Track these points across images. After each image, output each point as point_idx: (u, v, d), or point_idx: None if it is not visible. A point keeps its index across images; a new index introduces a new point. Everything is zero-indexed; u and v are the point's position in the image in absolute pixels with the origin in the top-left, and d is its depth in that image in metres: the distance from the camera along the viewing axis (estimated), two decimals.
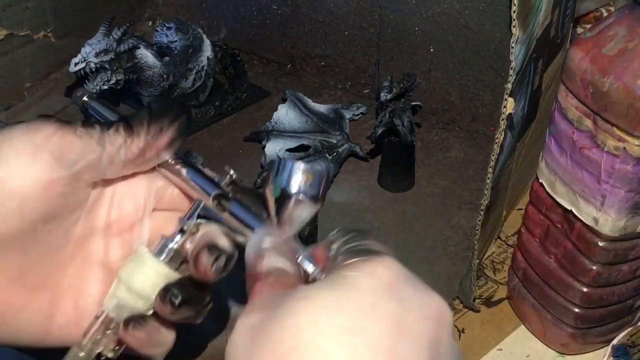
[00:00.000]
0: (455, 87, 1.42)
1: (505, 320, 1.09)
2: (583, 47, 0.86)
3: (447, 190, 1.31)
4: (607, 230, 0.90)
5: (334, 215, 1.26)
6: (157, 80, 1.39)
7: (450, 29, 1.37)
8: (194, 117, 1.45)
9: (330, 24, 1.51)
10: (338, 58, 1.54)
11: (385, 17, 1.43)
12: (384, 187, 1.31)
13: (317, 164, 1.26)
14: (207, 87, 1.46)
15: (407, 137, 1.25)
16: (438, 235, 1.22)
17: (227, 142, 1.42)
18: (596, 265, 0.93)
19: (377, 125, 1.26)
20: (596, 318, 0.99)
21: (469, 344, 1.05)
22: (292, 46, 1.59)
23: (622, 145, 0.83)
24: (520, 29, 0.87)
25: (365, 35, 1.48)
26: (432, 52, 1.41)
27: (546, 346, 1.05)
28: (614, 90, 0.81)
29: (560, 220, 0.97)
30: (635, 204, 0.87)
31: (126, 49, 1.34)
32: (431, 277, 1.14)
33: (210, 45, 1.46)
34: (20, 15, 1.44)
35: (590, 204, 0.90)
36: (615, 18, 0.85)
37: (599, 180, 0.87)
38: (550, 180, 0.95)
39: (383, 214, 1.26)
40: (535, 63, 1.01)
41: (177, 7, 1.70)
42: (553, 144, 0.93)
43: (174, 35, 1.45)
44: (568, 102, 0.89)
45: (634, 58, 0.81)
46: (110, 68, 1.34)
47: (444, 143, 1.42)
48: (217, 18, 1.66)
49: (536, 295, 1.03)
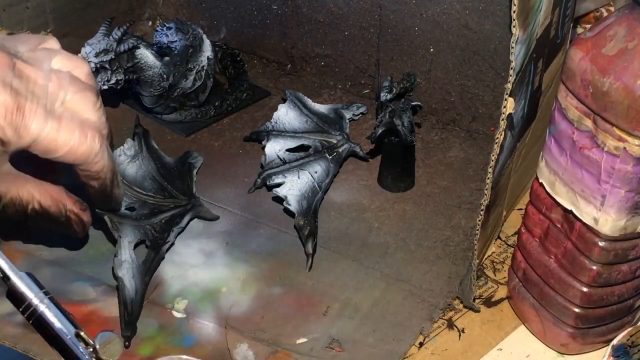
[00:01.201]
0: (455, 87, 1.42)
1: (505, 320, 1.10)
2: (583, 47, 0.86)
3: (447, 190, 1.32)
4: (607, 230, 0.90)
5: (334, 215, 1.26)
6: (157, 80, 1.39)
7: (450, 29, 1.37)
8: (194, 117, 1.45)
9: (330, 24, 1.51)
10: (338, 58, 1.54)
11: (385, 17, 1.43)
12: (384, 187, 1.31)
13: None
14: (207, 87, 1.46)
15: (407, 137, 1.25)
16: (438, 235, 1.22)
17: (227, 142, 1.42)
18: (596, 265, 0.93)
19: (377, 125, 1.26)
20: (596, 318, 0.99)
21: (469, 344, 1.05)
22: (292, 46, 1.59)
23: (622, 145, 0.83)
24: (520, 29, 0.87)
25: (365, 35, 1.48)
26: (432, 52, 1.41)
27: (546, 346, 1.06)
28: (614, 90, 0.81)
29: (560, 220, 0.97)
30: (635, 204, 0.87)
31: (126, 49, 1.34)
32: (431, 277, 1.14)
33: (210, 45, 1.46)
34: (20, 15, 1.44)
35: (590, 204, 0.90)
36: (615, 18, 0.85)
37: (599, 180, 0.87)
38: (550, 180, 0.96)
39: (383, 214, 1.26)
40: (535, 63, 1.01)
41: (177, 7, 1.70)
42: (553, 144, 0.93)
43: (174, 35, 1.45)
44: (568, 102, 0.89)
45: (634, 58, 0.81)
46: (110, 68, 1.34)
47: (444, 143, 1.42)
48: (217, 18, 1.66)
49: (536, 295, 1.04)
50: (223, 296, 1.12)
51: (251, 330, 1.07)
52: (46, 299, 0.76)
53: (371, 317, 1.09)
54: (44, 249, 1.17)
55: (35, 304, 0.76)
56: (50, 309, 0.76)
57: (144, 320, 1.07)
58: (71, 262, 1.15)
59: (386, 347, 1.05)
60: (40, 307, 0.76)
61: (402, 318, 1.09)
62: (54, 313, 0.75)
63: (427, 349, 1.05)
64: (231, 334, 1.06)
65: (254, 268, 1.17)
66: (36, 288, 0.77)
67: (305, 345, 1.05)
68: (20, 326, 1.03)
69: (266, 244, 1.21)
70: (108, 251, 1.17)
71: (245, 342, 1.05)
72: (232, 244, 1.21)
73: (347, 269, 1.17)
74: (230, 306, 1.11)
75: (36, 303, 0.76)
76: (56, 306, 0.77)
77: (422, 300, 1.11)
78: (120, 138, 1.43)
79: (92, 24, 1.53)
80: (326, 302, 1.11)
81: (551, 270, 0.99)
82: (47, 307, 0.76)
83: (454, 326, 1.08)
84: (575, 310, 0.98)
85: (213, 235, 1.22)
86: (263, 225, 1.24)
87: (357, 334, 1.06)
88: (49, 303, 0.77)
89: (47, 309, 0.76)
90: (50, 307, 0.76)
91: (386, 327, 1.07)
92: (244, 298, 1.12)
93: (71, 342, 0.75)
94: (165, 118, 1.45)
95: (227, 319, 1.08)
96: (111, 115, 1.51)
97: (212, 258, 1.18)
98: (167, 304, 1.10)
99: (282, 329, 1.07)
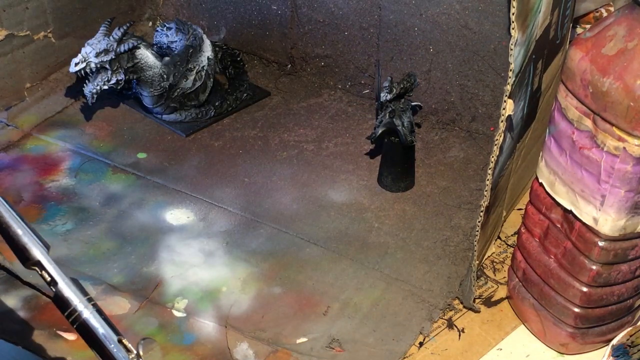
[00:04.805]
0: (455, 87, 1.42)
1: (505, 320, 1.10)
2: (583, 47, 0.86)
3: (447, 190, 1.32)
4: (606, 230, 0.90)
5: (334, 215, 1.26)
6: (157, 80, 1.39)
7: (450, 29, 1.37)
8: (194, 117, 1.46)
9: (330, 24, 1.51)
10: (338, 58, 1.54)
11: (385, 17, 1.43)
12: (384, 187, 1.32)
13: None
14: (207, 87, 1.46)
15: (407, 137, 1.26)
16: (438, 235, 1.23)
17: (227, 142, 1.42)
18: (596, 265, 0.93)
19: (377, 125, 1.26)
20: (596, 318, 1.00)
21: (469, 344, 1.06)
22: (292, 46, 1.59)
23: (621, 145, 0.83)
24: (519, 30, 0.87)
25: (365, 35, 1.48)
26: (432, 52, 1.41)
27: (546, 346, 1.06)
28: (614, 90, 0.82)
29: (560, 220, 0.97)
30: (635, 204, 0.87)
31: (126, 49, 1.34)
32: (431, 277, 1.14)
33: (210, 45, 1.46)
34: (20, 15, 1.44)
35: (590, 203, 0.90)
36: (615, 18, 0.85)
37: (599, 180, 0.87)
38: (550, 180, 0.96)
39: (383, 214, 1.27)
40: (535, 64, 1.02)
41: (177, 7, 1.70)
42: (553, 144, 0.94)
43: (174, 35, 1.45)
44: (568, 102, 0.89)
45: (634, 58, 0.81)
46: (110, 68, 1.34)
47: (444, 143, 1.42)
48: (217, 18, 1.66)
49: (536, 295, 1.04)
50: (223, 296, 1.12)
51: (251, 330, 1.07)
52: (90, 305, 0.78)
53: (371, 317, 1.09)
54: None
55: (80, 309, 0.77)
56: (95, 315, 0.78)
57: (145, 319, 1.07)
58: (71, 262, 1.15)
59: (386, 347, 1.05)
60: (84, 312, 0.77)
61: (402, 318, 1.09)
62: (97, 319, 0.77)
63: (427, 348, 1.05)
64: (231, 333, 1.06)
65: (254, 268, 1.17)
66: (81, 294, 0.78)
67: (305, 344, 1.05)
68: (21, 323, 1.04)
69: (266, 244, 1.21)
70: (108, 251, 1.18)
71: (246, 341, 1.05)
72: (232, 243, 1.21)
73: (347, 269, 1.17)
74: (231, 305, 1.11)
75: (81, 309, 0.77)
76: (99, 313, 0.79)
77: (422, 300, 1.11)
78: (120, 138, 1.43)
79: (92, 24, 1.54)
80: (326, 302, 1.11)
81: (551, 270, 1.00)
82: (92, 313, 0.78)
83: (454, 326, 1.08)
84: (575, 310, 0.98)
85: (213, 235, 1.22)
86: (263, 225, 1.24)
87: (357, 334, 1.06)
88: (93, 309, 0.78)
89: (92, 315, 0.78)
90: (94, 313, 0.78)
91: (386, 327, 1.08)
92: (244, 297, 1.12)
93: (114, 348, 0.77)
94: (165, 118, 1.45)
95: (227, 318, 1.08)
96: (111, 115, 1.52)
97: (212, 258, 1.18)
98: (167, 303, 1.10)
99: (282, 328, 1.07)
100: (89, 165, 1.36)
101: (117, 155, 1.38)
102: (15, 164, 1.35)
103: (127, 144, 1.41)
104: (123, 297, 1.10)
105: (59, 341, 1.02)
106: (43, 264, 0.78)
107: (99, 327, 0.78)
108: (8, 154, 1.37)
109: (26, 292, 1.08)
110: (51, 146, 1.39)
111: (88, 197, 1.29)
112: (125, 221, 1.24)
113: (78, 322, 0.78)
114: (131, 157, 1.38)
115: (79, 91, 1.46)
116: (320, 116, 1.48)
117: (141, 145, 1.41)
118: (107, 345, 0.77)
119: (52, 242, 1.18)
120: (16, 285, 1.09)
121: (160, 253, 1.19)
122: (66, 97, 1.51)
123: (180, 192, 1.30)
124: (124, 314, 1.08)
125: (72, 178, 1.32)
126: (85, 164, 1.36)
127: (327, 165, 1.36)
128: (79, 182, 1.31)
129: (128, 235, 1.21)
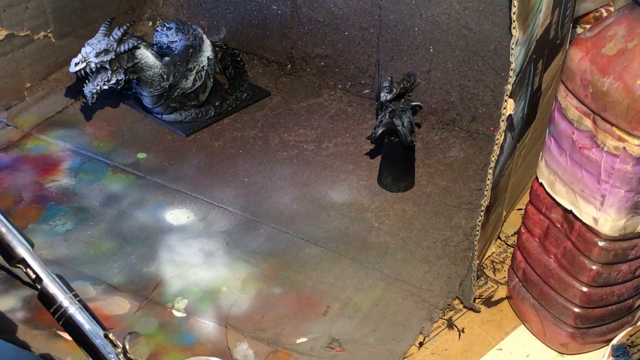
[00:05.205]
0: (455, 87, 1.42)
1: (505, 320, 1.10)
2: (583, 47, 0.86)
3: (447, 190, 1.32)
4: (606, 230, 0.90)
5: (334, 215, 1.26)
6: (157, 80, 1.39)
7: (450, 29, 1.37)
8: (194, 117, 1.46)
9: (330, 24, 1.51)
10: (338, 58, 1.54)
11: (385, 17, 1.43)
12: (384, 187, 1.32)
13: None
14: (207, 87, 1.46)
15: (407, 137, 1.26)
16: (438, 235, 1.23)
17: (227, 142, 1.42)
18: (596, 265, 0.93)
19: (377, 125, 1.26)
20: (596, 318, 1.00)
21: (469, 344, 1.06)
22: (292, 46, 1.59)
23: (621, 145, 0.83)
24: (520, 30, 0.87)
25: (365, 35, 1.48)
26: (432, 52, 1.41)
27: (546, 346, 1.06)
28: (614, 90, 0.82)
29: (560, 220, 0.97)
30: (635, 204, 0.87)
31: (126, 49, 1.34)
32: (431, 277, 1.14)
33: (210, 45, 1.46)
34: (21, 15, 1.44)
35: (590, 203, 0.90)
36: (615, 18, 0.85)
37: (599, 180, 0.87)
38: (550, 180, 0.96)
39: (383, 214, 1.27)
40: (535, 64, 1.02)
41: (177, 7, 1.70)
42: (553, 144, 0.94)
43: (174, 35, 1.45)
44: (568, 102, 0.89)
45: (634, 58, 0.81)
46: (110, 68, 1.34)
47: (444, 143, 1.42)
48: (217, 18, 1.66)
49: (536, 295, 1.04)
50: (223, 296, 1.12)
51: (251, 330, 1.07)
52: (76, 302, 0.78)
53: (371, 317, 1.09)
54: (45, 248, 1.17)
55: (66, 306, 0.78)
56: (80, 311, 0.78)
57: (145, 319, 1.07)
58: (71, 262, 1.15)
59: (386, 347, 1.05)
60: (70, 309, 0.78)
61: (402, 318, 1.09)
62: (83, 315, 0.77)
63: (427, 348, 1.05)
64: (231, 333, 1.06)
65: (254, 268, 1.17)
66: (67, 291, 0.78)
67: (305, 344, 1.05)
68: (20, 322, 1.04)
69: (266, 244, 1.21)
70: (108, 251, 1.18)
71: (246, 341, 1.05)
72: (232, 243, 1.21)
73: (347, 269, 1.17)
74: (231, 305, 1.11)
75: (66, 305, 0.78)
76: (85, 309, 0.79)
77: (422, 300, 1.11)
78: (120, 138, 1.43)
79: (92, 24, 1.54)
80: (326, 302, 1.11)
81: (551, 270, 0.99)
82: (77, 310, 0.78)
83: (454, 326, 1.08)
84: (575, 310, 0.98)
85: (213, 235, 1.22)
86: (263, 225, 1.24)
87: (357, 334, 1.06)
88: (79, 305, 0.78)
89: (77, 311, 0.78)
90: (80, 309, 0.78)
91: (386, 327, 1.08)
92: (244, 297, 1.12)
93: (100, 343, 0.77)
94: (165, 118, 1.45)
95: (227, 318, 1.08)
96: (111, 115, 1.52)
97: (212, 258, 1.18)
98: (167, 303, 1.10)
99: (282, 328, 1.07)
100: (89, 165, 1.36)
101: (117, 155, 1.38)
102: (15, 164, 1.35)
103: (127, 144, 1.41)
104: (123, 297, 1.10)
105: (59, 341, 1.02)
106: (28, 261, 0.78)
107: (84, 323, 0.78)
108: (8, 154, 1.37)
109: (26, 292, 1.08)
110: (51, 146, 1.39)
111: (88, 197, 1.29)
112: (125, 221, 1.24)
113: (64, 318, 0.78)
114: (131, 157, 1.38)
115: (79, 91, 1.46)
116: (320, 116, 1.48)
117: (141, 145, 1.41)
118: (94, 341, 0.78)
119: (52, 242, 1.19)
120: (16, 285, 1.09)
121: (160, 253, 1.19)
122: (66, 97, 1.51)
123: (180, 192, 1.30)
124: (124, 314, 1.08)
125: (72, 178, 1.32)
126: (85, 164, 1.36)
127: (327, 165, 1.36)
128: (79, 182, 1.31)
129: (128, 235, 1.21)
